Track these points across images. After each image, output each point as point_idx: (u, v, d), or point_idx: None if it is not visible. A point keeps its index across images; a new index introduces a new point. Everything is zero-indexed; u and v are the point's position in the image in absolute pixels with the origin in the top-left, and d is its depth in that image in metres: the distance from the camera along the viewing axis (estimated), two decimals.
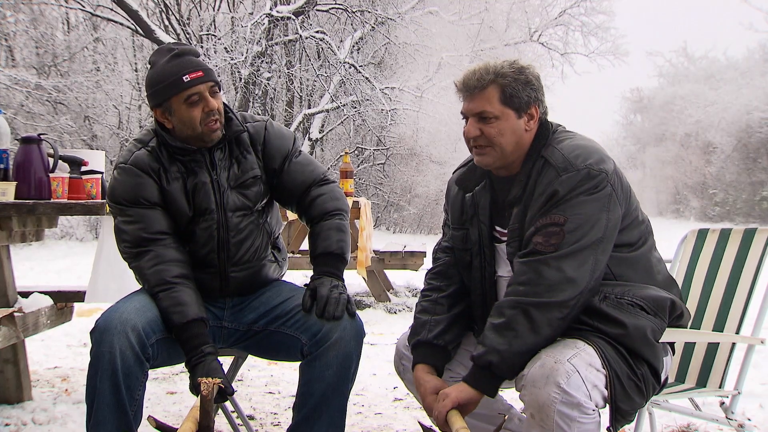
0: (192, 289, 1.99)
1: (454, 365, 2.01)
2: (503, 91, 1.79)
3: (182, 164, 2.05)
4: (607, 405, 1.68)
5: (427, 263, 6.61)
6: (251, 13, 13.94)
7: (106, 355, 1.80)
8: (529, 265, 1.72)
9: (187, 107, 1.96)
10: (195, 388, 1.86)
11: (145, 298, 1.97)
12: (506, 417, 1.75)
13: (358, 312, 2.06)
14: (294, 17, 12.83)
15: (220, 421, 2.70)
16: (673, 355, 1.92)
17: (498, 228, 1.92)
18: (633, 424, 2.26)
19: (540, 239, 1.72)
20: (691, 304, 2.31)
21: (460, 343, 2.02)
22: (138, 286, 2.09)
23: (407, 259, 6.31)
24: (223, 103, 2.07)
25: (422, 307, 2.01)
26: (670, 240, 2.92)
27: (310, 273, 2.15)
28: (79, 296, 3.13)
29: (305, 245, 5.91)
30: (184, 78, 1.94)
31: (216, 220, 2.05)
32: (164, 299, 1.94)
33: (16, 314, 2.72)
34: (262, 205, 2.14)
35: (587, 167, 1.73)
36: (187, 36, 13.96)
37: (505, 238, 1.88)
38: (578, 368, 1.62)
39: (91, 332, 1.87)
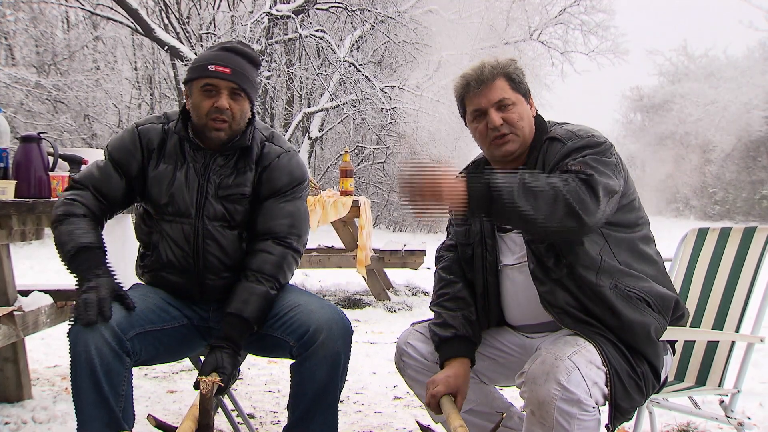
0: (97, 228, 2.01)
1: None
2: (512, 79, 1.89)
3: (182, 154, 2.05)
4: (607, 403, 1.68)
5: (427, 262, 6.59)
6: (251, 12, 13.94)
7: (82, 354, 1.79)
8: (578, 179, 1.68)
9: (200, 94, 1.99)
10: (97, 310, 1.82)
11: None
12: (504, 415, 1.76)
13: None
14: (294, 16, 12.82)
15: (219, 419, 2.70)
16: (674, 354, 1.93)
17: None
18: (633, 422, 2.26)
19: (578, 166, 1.71)
20: (691, 303, 2.31)
21: None
22: (131, 285, 2.09)
23: (407, 258, 6.31)
24: (254, 115, 2.08)
25: (444, 305, 2.00)
26: (670, 239, 2.92)
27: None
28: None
29: None
30: (209, 67, 1.97)
31: (193, 225, 2.04)
32: (67, 225, 1.96)
33: (15, 313, 2.72)
34: (247, 222, 2.10)
35: (590, 136, 1.80)
36: (187, 34, 13.96)
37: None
38: (578, 365, 1.63)
39: (68, 333, 1.84)
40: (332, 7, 14.04)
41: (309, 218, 2.17)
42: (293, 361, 2.01)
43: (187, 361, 2.64)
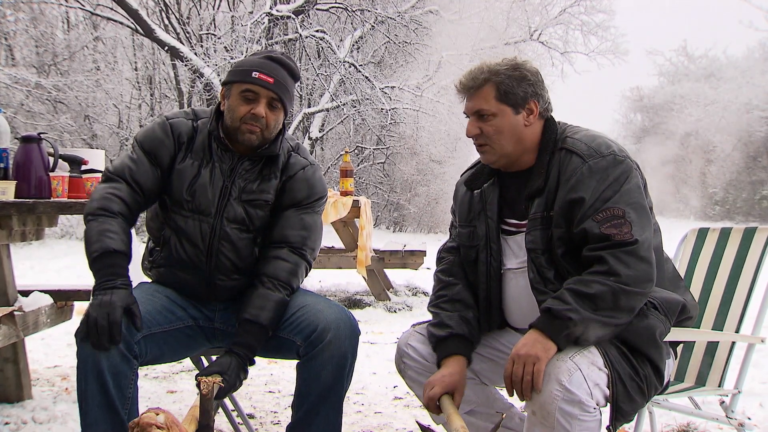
0: (127, 231, 1.98)
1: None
2: (498, 89, 1.84)
3: (209, 153, 2.05)
4: (608, 404, 1.68)
5: (427, 262, 6.57)
6: (251, 12, 13.93)
7: (90, 356, 1.79)
8: (613, 254, 1.70)
9: (238, 98, 1.99)
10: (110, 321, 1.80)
11: None
12: (504, 415, 1.76)
13: (357, 311, 2.06)
14: (294, 16, 12.82)
15: (220, 419, 2.70)
16: (676, 358, 1.93)
17: (510, 221, 1.93)
18: (633, 423, 2.26)
19: (614, 230, 1.71)
20: None
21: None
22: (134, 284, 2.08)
23: (407, 258, 6.31)
24: (284, 127, 2.08)
25: (441, 306, 2.00)
26: (670, 239, 2.91)
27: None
28: (79, 295, 3.13)
29: None
30: (253, 73, 1.98)
31: (211, 225, 2.04)
32: (101, 223, 1.93)
33: (16, 313, 2.72)
34: (264, 228, 2.11)
35: (612, 153, 1.78)
36: (187, 35, 13.96)
37: (518, 229, 1.90)
38: (580, 366, 1.63)
39: (75, 333, 1.84)
40: (332, 7, 14.04)
41: (322, 233, 2.19)
42: (296, 361, 2.01)
43: (187, 361, 2.64)
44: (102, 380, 1.79)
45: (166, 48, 12.87)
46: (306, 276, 2.13)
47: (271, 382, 3.69)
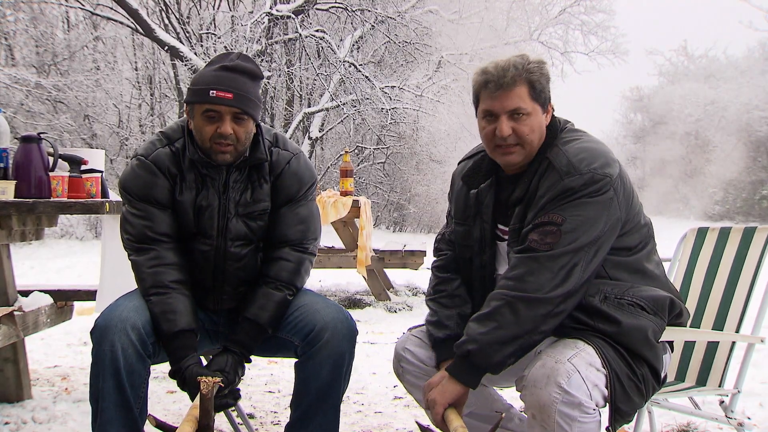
0: (186, 296, 1.97)
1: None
2: (533, 87, 1.78)
3: (199, 174, 2.01)
4: (607, 405, 1.68)
5: (427, 262, 6.58)
6: (251, 12, 13.92)
7: (108, 353, 1.80)
8: (522, 260, 1.72)
9: (202, 118, 1.93)
10: (190, 392, 1.87)
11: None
12: (503, 415, 1.75)
13: (357, 311, 2.06)
14: (294, 16, 12.82)
15: (220, 419, 2.70)
16: (672, 352, 1.92)
17: (500, 226, 1.91)
18: (633, 423, 2.26)
19: (536, 237, 1.71)
20: (691, 303, 2.31)
21: None
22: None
23: (407, 258, 6.31)
24: (259, 125, 2.03)
25: (440, 301, 1.98)
26: (670, 239, 2.92)
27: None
28: (79, 295, 3.13)
29: None
30: (210, 92, 1.89)
31: (215, 246, 2.04)
32: (157, 304, 1.93)
33: (15, 313, 2.72)
34: (264, 234, 2.11)
35: (591, 171, 1.71)
36: (187, 35, 13.96)
37: (505, 236, 1.88)
38: (578, 368, 1.62)
39: (92, 332, 1.87)
40: (332, 7, 14.04)
41: (320, 216, 2.18)
42: (296, 360, 2.02)
43: None
44: (119, 379, 1.80)
45: (166, 48, 12.87)
46: (312, 266, 2.14)
47: (271, 382, 3.69)
